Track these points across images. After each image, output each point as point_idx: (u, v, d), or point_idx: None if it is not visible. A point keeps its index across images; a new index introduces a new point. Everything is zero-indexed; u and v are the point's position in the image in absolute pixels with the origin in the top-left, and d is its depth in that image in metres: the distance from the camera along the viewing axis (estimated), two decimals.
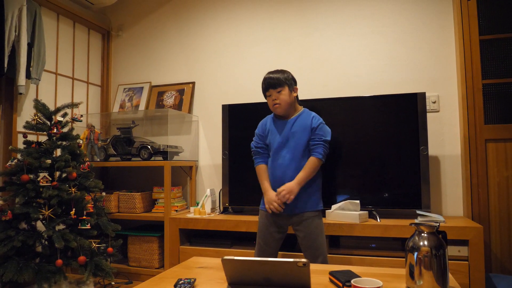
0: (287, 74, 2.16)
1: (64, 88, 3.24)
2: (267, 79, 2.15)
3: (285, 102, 2.12)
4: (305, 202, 2.09)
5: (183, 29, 3.49)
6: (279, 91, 2.11)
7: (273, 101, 2.13)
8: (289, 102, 2.14)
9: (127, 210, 3.07)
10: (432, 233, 1.31)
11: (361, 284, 1.13)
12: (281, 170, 2.11)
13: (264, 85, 2.16)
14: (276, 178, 2.12)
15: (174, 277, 1.52)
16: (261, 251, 2.19)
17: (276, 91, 2.12)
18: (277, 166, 2.12)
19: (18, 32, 2.63)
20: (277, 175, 2.12)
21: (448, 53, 2.78)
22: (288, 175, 2.08)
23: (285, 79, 2.13)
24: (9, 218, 2.25)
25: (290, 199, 2.02)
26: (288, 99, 2.13)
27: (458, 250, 2.27)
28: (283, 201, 2.04)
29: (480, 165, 2.52)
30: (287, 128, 2.15)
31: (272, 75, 2.15)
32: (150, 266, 2.94)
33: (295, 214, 2.09)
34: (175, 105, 3.37)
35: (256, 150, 2.24)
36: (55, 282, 2.20)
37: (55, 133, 2.47)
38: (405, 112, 2.56)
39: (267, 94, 2.17)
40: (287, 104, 2.14)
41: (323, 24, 3.07)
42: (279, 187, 2.07)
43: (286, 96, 2.12)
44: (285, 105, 2.13)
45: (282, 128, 2.16)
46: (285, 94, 2.12)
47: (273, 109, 2.18)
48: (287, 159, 2.10)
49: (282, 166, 2.11)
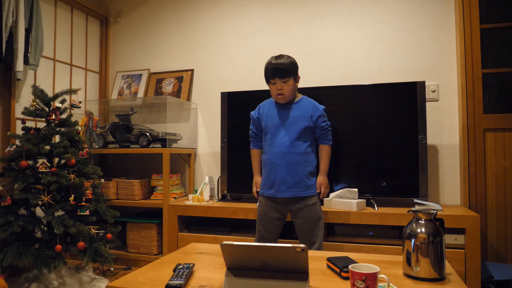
0: (293, 62, 2.11)
1: (62, 74, 3.22)
2: (275, 66, 2.08)
3: (289, 92, 2.12)
4: (305, 185, 2.10)
5: (182, 16, 3.46)
6: (286, 81, 2.08)
7: (278, 91, 2.11)
8: (292, 92, 2.14)
9: (126, 197, 3.08)
10: (429, 220, 1.32)
11: (358, 270, 1.14)
12: (278, 154, 2.12)
13: (271, 72, 2.10)
14: (272, 163, 2.14)
15: (173, 262, 1.53)
16: (261, 238, 2.20)
17: (282, 81, 2.08)
18: (274, 151, 2.14)
19: (16, 18, 2.60)
20: (273, 160, 2.13)
21: (448, 42, 2.77)
22: (285, 159, 2.09)
23: (292, 69, 2.09)
24: (9, 204, 2.26)
25: (326, 193, 2.19)
26: (292, 90, 2.13)
27: (454, 238, 2.29)
28: (324, 197, 2.21)
29: (478, 154, 2.53)
30: (285, 113, 2.15)
31: (280, 61, 2.08)
32: (149, 252, 2.96)
33: (296, 197, 2.10)
34: (174, 92, 3.36)
35: (251, 133, 2.33)
36: (55, 267, 2.21)
37: (53, 119, 2.46)
38: (404, 101, 2.55)
39: (271, 81, 2.12)
40: (291, 95, 2.14)
41: (323, 12, 3.05)
42: (274, 172, 2.12)
43: (291, 87, 2.11)
44: (289, 95, 2.13)
45: (281, 113, 2.16)
46: (290, 85, 2.10)
47: (275, 98, 2.17)
48: (285, 144, 2.11)
49: (279, 150, 2.12)
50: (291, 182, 2.09)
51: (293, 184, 2.08)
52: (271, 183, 2.15)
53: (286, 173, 2.10)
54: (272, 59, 2.12)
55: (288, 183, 2.09)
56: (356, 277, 1.13)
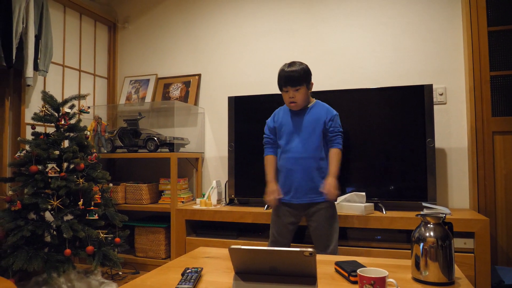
0: (305, 70, 2.10)
1: (71, 80, 3.25)
2: (287, 75, 2.08)
3: (302, 100, 2.13)
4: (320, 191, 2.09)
5: (189, 21, 3.49)
6: (298, 89, 2.08)
7: (290, 99, 2.12)
8: (305, 99, 2.15)
9: (134, 201, 3.09)
10: (438, 224, 1.31)
11: (366, 274, 1.14)
12: (292, 161, 2.12)
13: (283, 81, 2.10)
14: (288, 169, 2.13)
15: (181, 266, 1.54)
16: (274, 242, 2.19)
17: (294, 89, 2.08)
18: (289, 157, 2.13)
19: (26, 24, 2.64)
20: (289, 166, 2.13)
21: (456, 45, 2.75)
22: (301, 165, 2.09)
23: (304, 76, 2.08)
24: (19, 208, 2.28)
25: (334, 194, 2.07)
26: (305, 97, 2.13)
27: (464, 242, 2.27)
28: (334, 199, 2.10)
29: (487, 157, 2.51)
30: (300, 119, 2.15)
31: (292, 69, 2.08)
32: (157, 256, 2.97)
33: (313, 203, 2.10)
34: (181, 97, 3.38)
35: (265, 139, 2.28)
36: (64, 271, 2.23)
37: (62, 124, 2.49)
38: (411, 104, 2.54)
39: (284, 89, 2.13)
40: (303, 102, 2.15)
41: (329, 15, 3.06)
42: (290, 178, 2.11)
43: (303, 95, 2.11)
44: (301, 103, 2.14)
45: (295, 119, 2.16)
46: (302, 93, 2.10)
47: (288, 105, 2.18)
48: (300, 149, 2.11)
49: (294, 156, 2.11)
50: (307, 188, 2.09)
51: (310, 190, 2.08)
52: (287, 189, 2.14)
53: (302, 178, 2.09)
54: (285, 66, 2.12)
55: (305, 189, 2.09)
56: (364, 281, 1.13)
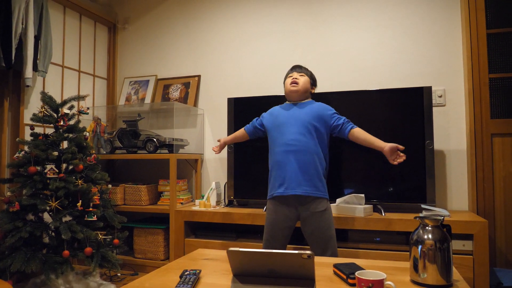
0: (311, 73, 2.36)
1: (70, 80, 3.25)
2: (295, 65, 2.37)
3: (303, 86, 2.24)
4: (315, 185, 2.08)
5: (189, 22, 3.49)
6: (302, 75, 2.27)
7: (293, 79, 2.25)
8: (305, 89, 2.26)
9: (133, 203, 3.09)
10: (436, 226, 1.31)
11: (365, 276, 1.14)
12: (286, 153, 2.12)
13: (290, 69, 2.34)
14: (281, 162, 2.13)
15: (180, 268, 1.53)
16: (268, 247, 2.15)
17: (299, 74, 2.27)
18: (283, 150, 2.13)
19: (25, 25, 2.64)
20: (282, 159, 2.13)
21: (455, 47, 2.76)
22: (294, 155, 2.10)
23: (310, 73, 2.33)
24: (17, 209, 2.28)
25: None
26: (306, 86, 2.26)
27: (462, 244, 2.27)
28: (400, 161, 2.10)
29: (485, 159, 2.51)
30: (293, 111, 2.22)
31: (300, 65, 2.37)
32: (156, 258, 2.97)
33: (307, 195, 2.07)
34: (181, 98, 3.38)
35: (253, 121, 2.42)
36: (62, 272, 2.23)
37: (61, 125, 2.49)
38: (411, 106, 2.55)
39: (288, 75, 2.30)
40: (304, 89, 2.25)
41: (329, 17, 3.06)
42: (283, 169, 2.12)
43: (305, 83, 2.25)
44: (302, 88, 2.24)
45: (289, 112, 2.23)
46: (305, 80, 2.26)
47: (289, 88, 2.25)
48: (294, 142, 2.12)
49: (287, 150, 2.12)
50: (301, 179, 2.06)
51: (304, 182, 2.06)
52: (281, 181, 2.11)
53: (295, 168, 2.08)
54: None
55: (299, 180, 2.06)
56: (362, 283, 1.13)
